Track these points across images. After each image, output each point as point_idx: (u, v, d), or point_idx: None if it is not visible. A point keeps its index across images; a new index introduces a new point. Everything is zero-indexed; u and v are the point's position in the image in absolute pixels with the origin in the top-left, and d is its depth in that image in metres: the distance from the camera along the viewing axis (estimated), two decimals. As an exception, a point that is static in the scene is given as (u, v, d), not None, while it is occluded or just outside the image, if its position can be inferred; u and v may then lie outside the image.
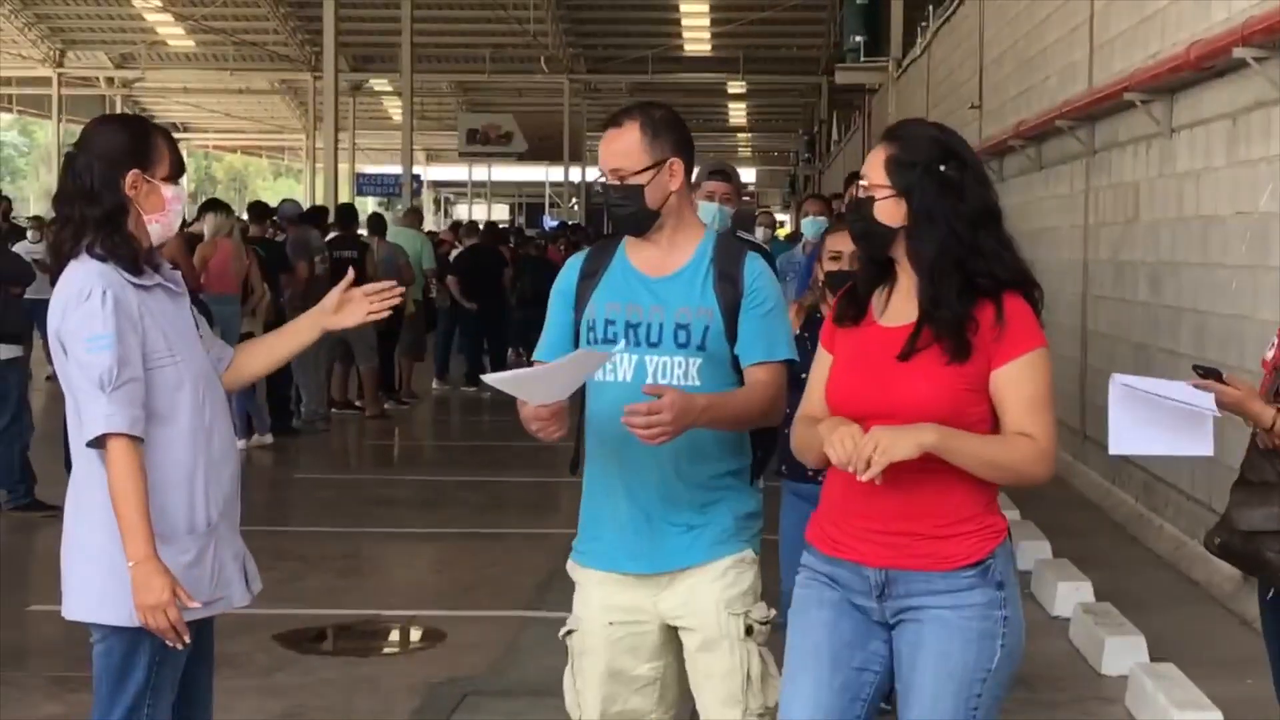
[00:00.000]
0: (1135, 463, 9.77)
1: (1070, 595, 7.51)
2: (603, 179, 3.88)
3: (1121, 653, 6.55)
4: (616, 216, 3.87)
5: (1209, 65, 8.27)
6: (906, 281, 3.41)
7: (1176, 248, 9.24)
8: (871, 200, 3.36)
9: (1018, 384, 3.28)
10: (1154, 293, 9.71)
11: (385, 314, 4.02)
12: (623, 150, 3.81)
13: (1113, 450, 3.95)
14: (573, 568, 3.95)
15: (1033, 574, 8.16)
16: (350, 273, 4.09)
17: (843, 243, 5.47)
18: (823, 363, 3.53)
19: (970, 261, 3.31)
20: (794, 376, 4.07)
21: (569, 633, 3.92)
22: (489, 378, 3.52)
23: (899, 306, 3.41)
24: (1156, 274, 9.67)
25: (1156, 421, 3.82)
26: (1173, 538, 8.93)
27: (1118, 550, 9.22)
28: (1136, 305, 10.12)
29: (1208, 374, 3.91)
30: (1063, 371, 12.19)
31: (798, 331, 4.76)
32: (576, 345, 3.87)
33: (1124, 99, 9.79)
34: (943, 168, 3.33)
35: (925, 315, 3.32)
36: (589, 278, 3.91)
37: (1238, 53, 7.69)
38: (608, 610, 3.84)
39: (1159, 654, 6.49)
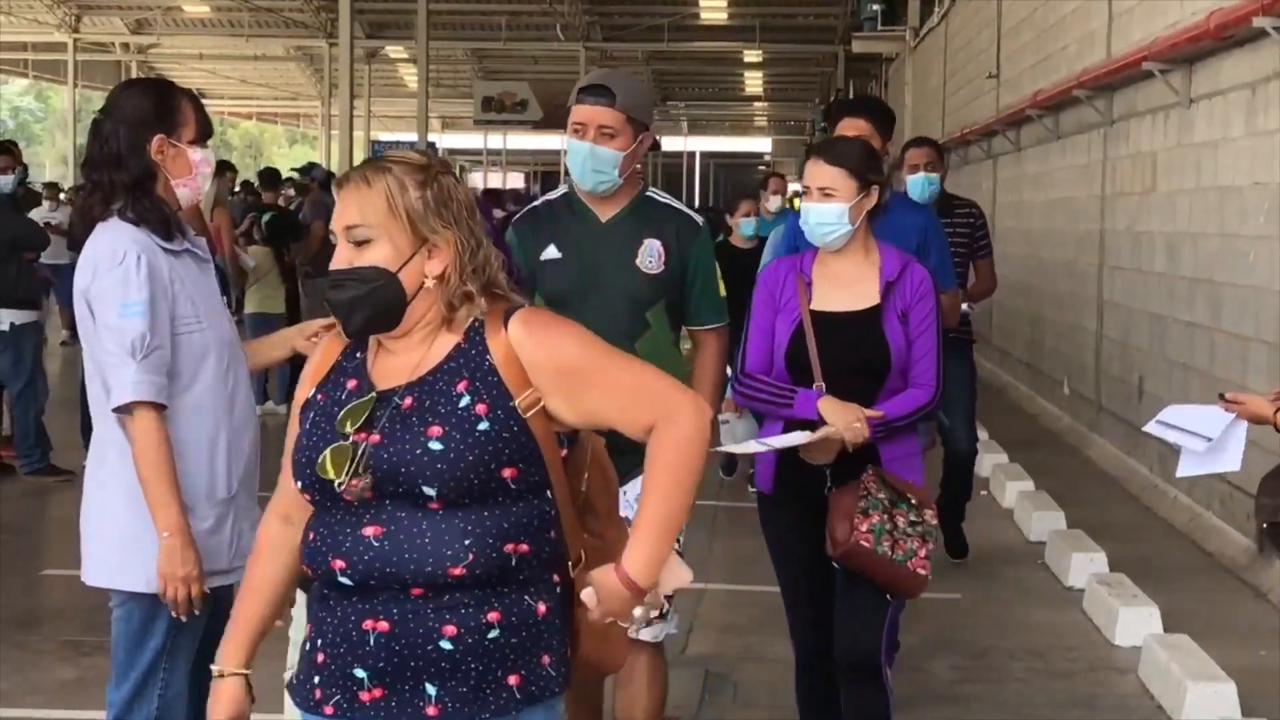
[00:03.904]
0: (1150, 434, 9.73)
1: (1084, 566, 7.51)
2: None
3: (1135, 624, 6.54)
4: None
5: (1229, 35, 8.21)
6: None
7: (1194, 218, 9.20)
8: None
9: None
10: (1171, 263, 9.66)
11: None
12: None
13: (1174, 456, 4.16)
14: None
15: (1047, 545, 8.16)
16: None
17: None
18: None
19: None
20: None
21: None
22: None
23: None
24: (1174, 244, 9.63)
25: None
26: (1187, 509, 8.91)
27: (1132, 521, 9.20)
28: (1153, 276, 10.08)
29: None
30: (1080, 342, 12.16)
31: None
32: None
33: (1142, 69, 9.74)
34: None
35: None
36: None
37: (1257, 22, 7.64)
38: None
39: (1172, 625, 6.48)
